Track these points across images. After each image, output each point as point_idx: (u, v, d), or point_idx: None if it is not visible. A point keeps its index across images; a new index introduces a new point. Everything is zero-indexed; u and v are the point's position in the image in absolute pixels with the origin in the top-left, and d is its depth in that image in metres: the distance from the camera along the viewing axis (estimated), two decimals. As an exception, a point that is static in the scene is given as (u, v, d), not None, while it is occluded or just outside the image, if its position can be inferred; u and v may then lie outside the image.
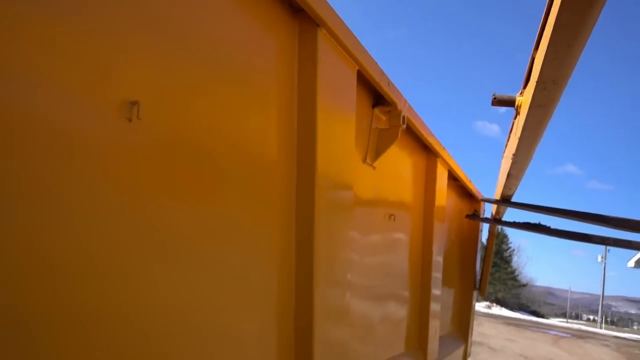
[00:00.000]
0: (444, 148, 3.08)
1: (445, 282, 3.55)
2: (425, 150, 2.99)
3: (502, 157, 3.28)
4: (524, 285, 40.64)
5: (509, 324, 20.38)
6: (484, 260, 5.24)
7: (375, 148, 2.21)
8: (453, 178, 3.66)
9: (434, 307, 3.12)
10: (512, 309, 34.27)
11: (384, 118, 2.23)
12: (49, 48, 0.86)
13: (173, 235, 1.14)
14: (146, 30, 1.06)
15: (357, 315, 2.08)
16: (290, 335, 1.56)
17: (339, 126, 1.77)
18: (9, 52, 0.80)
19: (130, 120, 1.01)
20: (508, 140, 2.89)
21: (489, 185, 4.42)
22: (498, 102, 2.58)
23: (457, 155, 3.74)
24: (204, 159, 1.24)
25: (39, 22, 0.84)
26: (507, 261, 40.73)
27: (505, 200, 3.98)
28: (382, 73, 1.98)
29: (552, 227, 3.71)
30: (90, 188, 0.95)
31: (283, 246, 1.54)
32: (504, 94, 2.54)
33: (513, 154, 2.70)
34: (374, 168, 2.24)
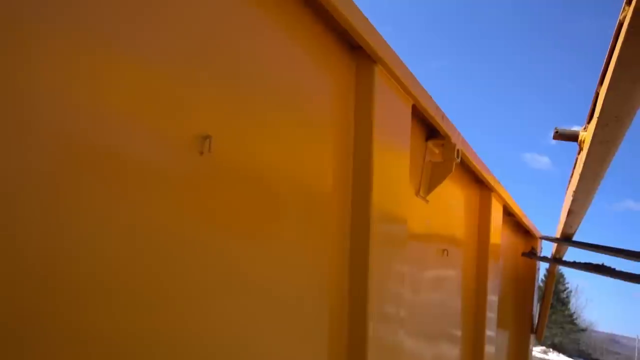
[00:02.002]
0: (499, 182, 3.01)
1: (500, 323, 3.39)
2: (479, 184, 2.93)
3: (565, 193, 3.16)
4: (584, 330, 37.88)
5: (568, 371, 18.91)
6: (541, 301, 4.97)
7: (429, 181, 2.20)
8: (508, 213, 3.55)
9: (489, 349, 2.99)
10: (571, 355, 31.92)
11: (437, 151, 2.23)
12: (128, 84, 0.94)
13: (234, 264, 1.18)
14: (218, 67, 1.14)
15: (408, 352, 2.03)
16: None
17: (394, 160, 1.78)
18: (89, 88, 0.87)
19: (201, 153, 1.07)
20: (571, 176, 2.79)
21: (539, 222, 4.25)
22: (560, 136, 2.50)
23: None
24: (264, 191, 1.29)
25: (119, 60, 0.92)
26: (564, 303, 38.22)
27: (566, 239, 3.79)
28: (437, 107, 1.99)
29: (616, 268, 3.49)
30: (162, 218, 1.00)
31: (336, 279, 1.55)
32: (559, 126, 2.47)
33: (574, 191, 2.60)
34: (427, 201, 2.22)
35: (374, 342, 1.57)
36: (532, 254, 4.26)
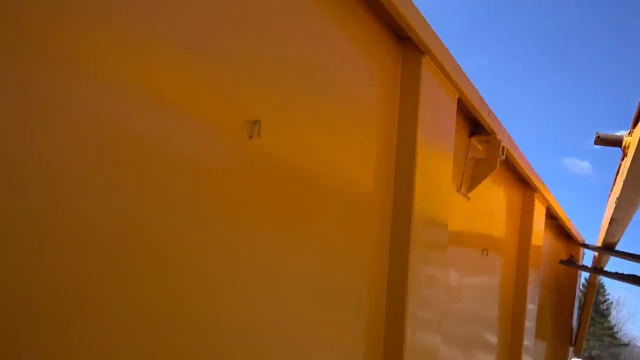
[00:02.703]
0: (543, 183, 2.92)
1: (538, 333, 3.27)
2: (522, 183, 2.85)
3: (607, 200, 3.04)
4: (625, 345, 36.26)
5: (606, 386, 18.16)
6: (580, 313, 4.77)
7: (471, 178, 2.15)
8: (551, 217, 3.43)
9: (526, 359, 2.89)
10: (609, 370, 30.61)
11: (480, 148, 2.17)
12: (180, 70, 0.95)
13: (274, 255, 1.17)
14: (267, 55, 1.14)
15: (444, 358, 1.99)
16: None
17: (438, 157, 1.75)
18: (144, 78, 0.88)
19: (251, 137, 1.08)
20: (614, 183, 2.68)
21: (579, 229, 4.07)
22: (602, 141, 2.40)
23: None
24: (308, 182, 1.28)
25: (175, 51, 0.93)
26: (604, 315, 36.71)
27: (608, 248, 3.64)
28: (483, 101, 1.94)
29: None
30: (211, 202, 1.01)
31: (375, 280, 1.52)
32: (601, 130, 2.37)
33: (617, 198, 2.50)
34: (469, 199, 2.18)
35: (410, 346, 1.54)
36: (570, 262, 4.08)
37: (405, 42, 1.57)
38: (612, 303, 38.44)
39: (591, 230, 4.32)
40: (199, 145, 1.00)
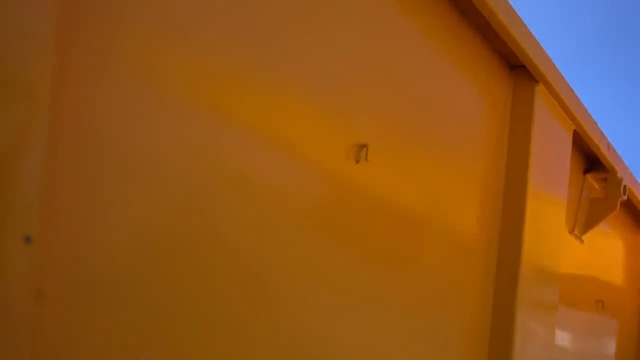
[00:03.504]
0: (670, 230, 2.58)
1: None
2: (644, 230, 2.54)
3: None
4: None
5: None
6: None
7: (585, 219, 1.96)
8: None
9: None
10: None
11: (597, 186, 1.98)
12: (291, 91, 0.97)
13: (372, 288, 1.12)
14: (375, 79, 1.14)
15: None
16: None
17: (551, 198, 1.61)
18: (250, 106, 0.91)
19: (357, 162, 1.08)
20: None
21: None
22: None
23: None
24: (408, 214, 1.23)
25: (284, 72, 0.94)
26: None
27: None
28: (602, 134, 1.78)
29: None
30: (316, 230, 1.00)
31: (474, 337, 1.40)
32: None
33: None
34: (582, 242, 1.98)
35: None
36: None
37: (517, 70, 1.50)
38: None
39: None
40: (306, 167, 1.00)
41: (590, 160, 1.93)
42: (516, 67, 1.49)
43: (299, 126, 0.98)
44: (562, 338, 1.91)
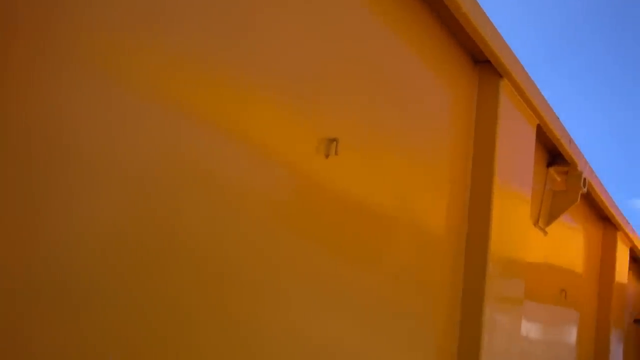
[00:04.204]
0: (627, 220, 2.69)
1: None
2: (603, 221, 2.63)
3: None
4: None
5: None
6: None
7: (549, 211, 2.01)
8: (634, 259, 3.14)
9: None
10: None
11: (559, 179, 2.04)
12: (256, 86, 0.94)
13: (342, 279, 1.11)
14: (344, 74, 1.13)
15: None
16: None
17: (516, 192, 1.64)
18: (213, 102, 0.88)
19: (327, 156, 1.06)
20: None
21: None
22: None
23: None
24: (377, 208, 1.22)
25: (253, 74, 0.92)
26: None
27: None
28: (564, 129, 1.83)
29: None
30: (285, 223, 0.98)
31: (444, 328, 1.40)
32: None
33: None
34: (546, 233, 2.03)
35: None
36: None
37: (482, 65, 1.51)
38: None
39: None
40: (274, 160, 0.97)
41: (553, 154, 1.98)
42: (481, 62, 1.50)
43: (267, 121, 0.96)
44: (528, 328, 1.95)
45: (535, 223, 1.96)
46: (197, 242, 0.82)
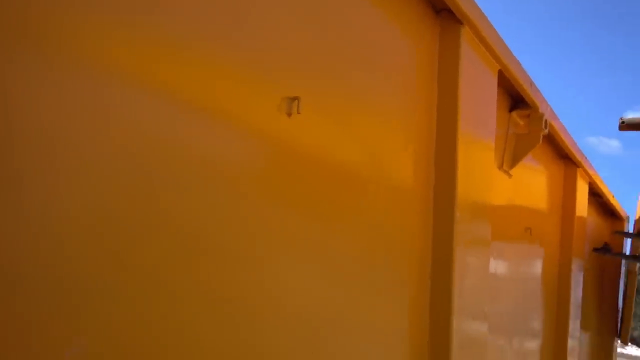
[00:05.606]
0: (585, 157, 2.80)
1: (583, 323, 3.13)
2: (564, 159, 2.74)
3: None
4: (668, 325, 35.06)
5: (650, 367, 17.63)
6: (623, 303, 4.53)
7: (513, 154, 2.07)
8: (593, 194, 3.30)
9: (572, 344, 2.80)
10: (652, 351, 29.71)
11: (522, 122, 2.09)
12: (215, 48, 0.92)
13: (313, 241, 1.13)
14: (301, 30, 1.10)
15: (491, 346, 1.92)
16: None
17: (480, 138, 1.67)
18: (158, 67, 0.85)
19: (289, 115, 1.05)
20: None
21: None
22: (627, 126, 2.25)
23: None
24: (345, 165, 1.23)
25: (206, 37, 0.89)
26: (645, 295, 35.65)
27: None
28: (525, 73, 1.86)
29: None
30: (239, 176, 0.97)
31: (417, 275, 1.46)
32: (627, 111, 2.24)
33: None
34: (510, 176, 2.10)
35: (458, 340, 1.49)
36: (605, 250, 3.80)
37: (443, 13, 1.50)
38: (652, 283, 37.16)
39: (629, 210, 4.12)
40: (235, 122, 0.96)
41: (515, 98, 2.01)
42: (441, 10, 1.49)
43: (224, 84, 0.94)
44: (496, 266, 2.06)
45: (500, 167, 2.02)
46: (167, 216, 0.82)
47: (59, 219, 0.67)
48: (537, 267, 2.56)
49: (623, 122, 2.31)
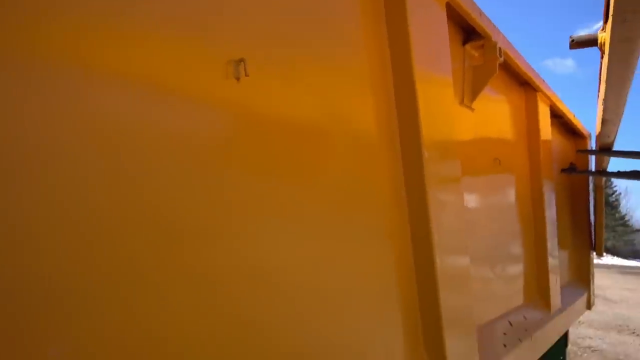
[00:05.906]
0: (544, 81, 2.83)
1: (560, 240, 3.25)
2: (523, 86, 2.76)
3: (597, 102, 2.96)
4: (638, 231, 37.18)
5: (625, 272, 18.81)
6: (595, 215, 4.73)
7: (472, 88, 2.07)
8: (554, 115, 3.36)
9: (552, 258, 2.92)
10: (626, 257, 31.58)
11: (476, 54, 2.07)
12: (147, 10, 0.86)
13: (277, 206, 1.10)
14: None
15: (475, 276, 1.98)
16: (414, 304, 1.50)
17: (437, 77, 1.65)
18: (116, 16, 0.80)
19: (238, 79, 1.00)
20: (599, 84, 2.59)
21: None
22: (577, 44, 2.28)
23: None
24: (305, 124, 1.20)
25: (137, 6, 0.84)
26: (614, 206, 37.50)
27: (605, 150, 3.62)
28: (473, 3, 1.83)
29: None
30: (200, 149, 0.94)
31: (395, 220, 1.47)
32: (579, 28, 2.26)
33: (603, 99, 2.44)
34: (473, 110, 2.10)
35: (442, 271, 1.51)
36: (571, 169, 3.95)
37: None
38: (620, 194, 39.12)
39: (590, 127, 4.24)
40: (180, 87, 0.91)
41: (466, 30, 1.99)
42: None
43: (164, 56, 0.88)
44: (470, 200, 2.09)
45: (461, 102, 2.02)
46: (135, 198, 0.79)
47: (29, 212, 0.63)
48: (510, 194, 2.62)
49: (573, 41, 2.34)
